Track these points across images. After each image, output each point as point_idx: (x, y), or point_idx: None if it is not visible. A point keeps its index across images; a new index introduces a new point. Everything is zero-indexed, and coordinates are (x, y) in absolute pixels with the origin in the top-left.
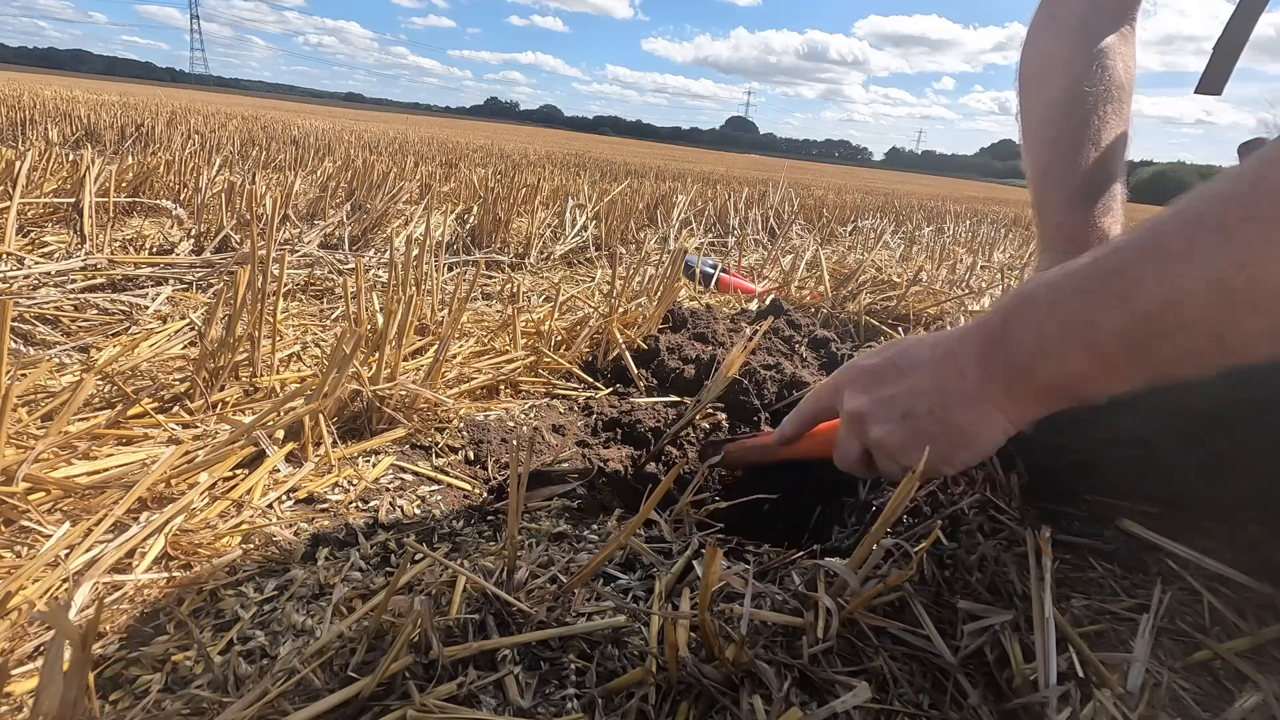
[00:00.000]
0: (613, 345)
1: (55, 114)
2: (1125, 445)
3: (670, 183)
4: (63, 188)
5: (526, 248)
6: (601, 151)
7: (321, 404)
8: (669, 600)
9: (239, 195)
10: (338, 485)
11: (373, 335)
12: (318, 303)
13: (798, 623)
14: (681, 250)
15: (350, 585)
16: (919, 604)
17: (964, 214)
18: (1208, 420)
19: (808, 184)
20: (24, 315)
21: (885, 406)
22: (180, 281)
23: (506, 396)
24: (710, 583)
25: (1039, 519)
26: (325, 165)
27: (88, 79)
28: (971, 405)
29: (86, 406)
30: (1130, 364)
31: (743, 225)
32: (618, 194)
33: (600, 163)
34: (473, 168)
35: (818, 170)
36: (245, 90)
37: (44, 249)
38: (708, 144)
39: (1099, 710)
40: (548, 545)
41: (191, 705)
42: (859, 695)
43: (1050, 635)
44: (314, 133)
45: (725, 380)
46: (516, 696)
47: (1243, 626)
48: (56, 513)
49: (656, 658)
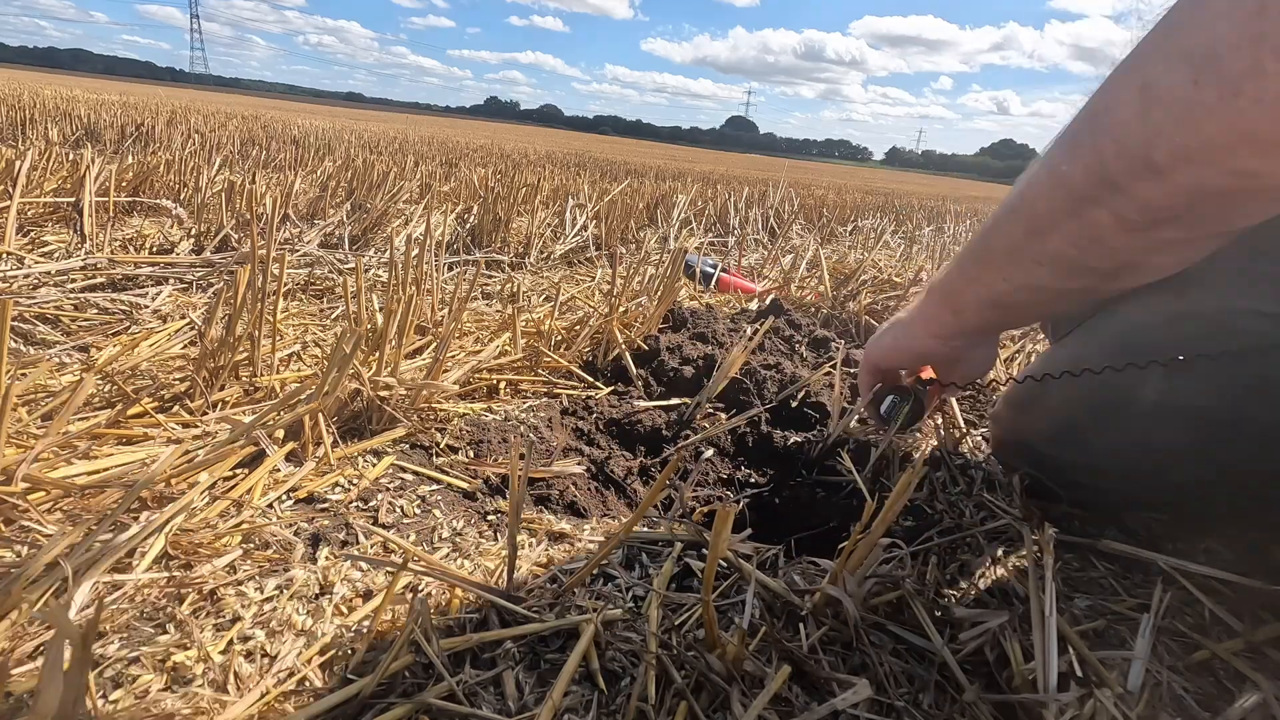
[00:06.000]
0: (613, 345)
1: (55, 113)
2: (1131, 453)
3: (670, 182)
4: (63, 187)
5: (526, 247)
6: (601, 151)
7: (321, 403)
8: (669, 590)
9: (239, 195)
10: (338, 485)
11: (373, 335)
12: (318, 302)
13: (798, 603)
14: (681, 250)
15: (350, 585)
16: (919, 604)
17: (964, 214)
18: (1217, 428)
19: (808, 184)
20: (24, 315)
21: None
22: (180, 281)
23: (506, 396)
24: (719, 549)
25: (1039, 519)
26: (325, 165)
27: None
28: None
29: (86, 406)
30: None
31: (743, 225)
32: (618, 194)
33: (600, 162)
34: (473, 167)
35: (818, 170)
36: (245, 90)
37: (44, 248)
38: (708, 144)
39: (1099, 710)
40: (548, 545)
41: (191, 705)
42: (859, 693)
43: (1051, 635)
44: (314, 132)
45: (725, 380)
46: (515, 695)
47: (1240, 627)
48: (56, 513)
49: (657, 647)
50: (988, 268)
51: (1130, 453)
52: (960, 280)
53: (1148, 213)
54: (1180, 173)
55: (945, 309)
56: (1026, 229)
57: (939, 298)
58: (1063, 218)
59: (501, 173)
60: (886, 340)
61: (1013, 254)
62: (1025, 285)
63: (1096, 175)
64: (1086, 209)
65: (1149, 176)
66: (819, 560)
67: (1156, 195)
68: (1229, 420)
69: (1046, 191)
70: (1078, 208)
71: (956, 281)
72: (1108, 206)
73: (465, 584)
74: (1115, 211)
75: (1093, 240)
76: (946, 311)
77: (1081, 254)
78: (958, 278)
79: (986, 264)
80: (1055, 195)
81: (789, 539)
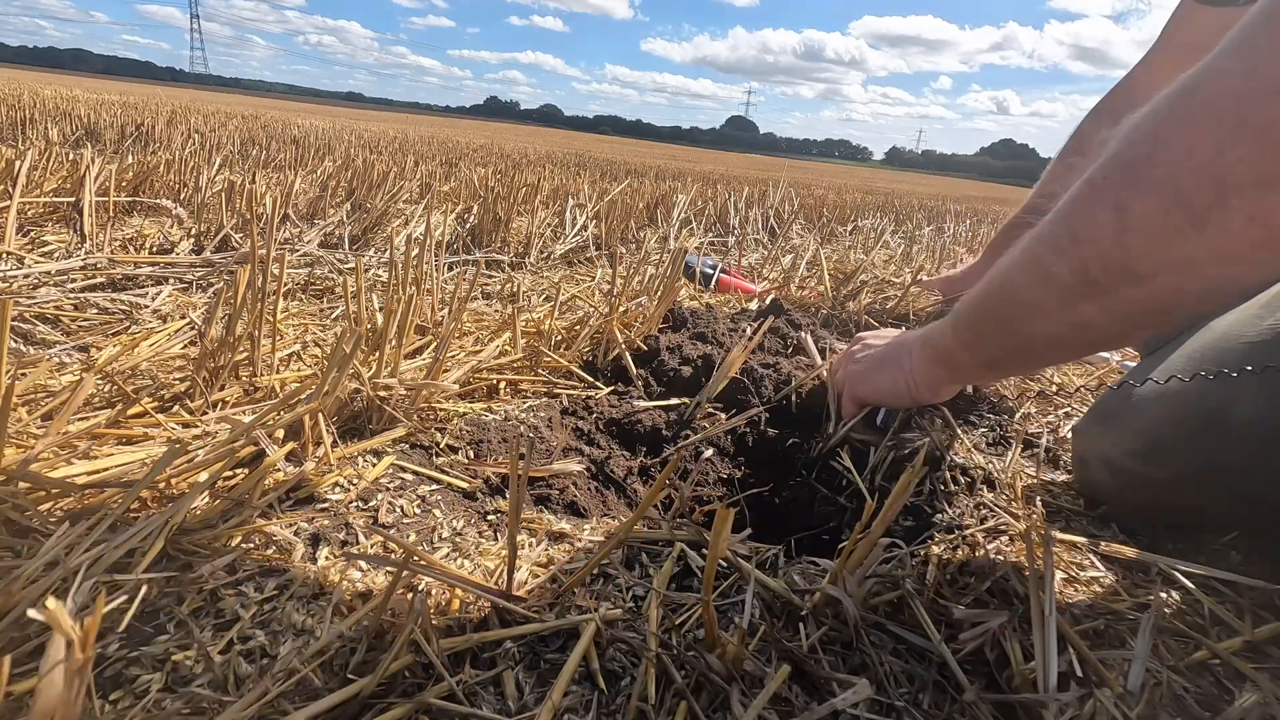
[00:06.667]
0: (613, 345)
1: (55, 113)
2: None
3: (670, 182)
4: (63, 187)
5: (526, 247)
6: (601, 151)
7: (321, 403)
8: (669, 590)
9: (239, 194)
10: (338, 485)
11: (373, 335)
12: (318, 302)
13: (798, 603)
14: (681, 250)
15: (350, 585)
16: (919, 604)
17: (964, 214)
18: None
19: (808, 183)
20: (24, 314)
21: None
22: (180, 281)
23: (506, 396)
24: (719, 549)
25: (1039, 519)
26: (325, 165)
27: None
28: (901, 363)
29: (86, 406)
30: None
31: (743, 225)
32: (618, 194)
33: (600, 162)
34: (473, 167)
35: (818, 170)
36: (245, 90)
37: (44, 248)
38: (708, 143)
39: (1099, 710)
40: (548, 545)
41: (191, 705)
42: (859, 693)
43: (1051, 635)
44: (314, 132)
45: (725, 380)
46: (515, 695)
47: (1241, 627)
48: (57, 513)
49: (657, 647)
50: (981, 338)
51: (1225, 472)
52: (955, 345)
53: (1133, 307)
54: (1160, 279)
55: (942, 368)
56: (1018, 313)
57: (933, 357)
58: (1054, 308)
59: (501, 173)
60: (883, 383)
61: (1005, 330)
62: (1017, 352)
63: (1081, 278)
64: (1076, 303)
65: (1133, 283)
66: (819, 560)
67: (1140, 296)
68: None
69: (1035, 283)
70: (1068, 300)
71: (952, 346)
72: (1097, 303)
73: (465, 584)
74: (1104, 307)
75: (1081, 327)
76: (943, 369)
77: (1071, 335)
78: (953, 343)
79: (980, 334)
80: (1045, 289)
81: (789, 539)
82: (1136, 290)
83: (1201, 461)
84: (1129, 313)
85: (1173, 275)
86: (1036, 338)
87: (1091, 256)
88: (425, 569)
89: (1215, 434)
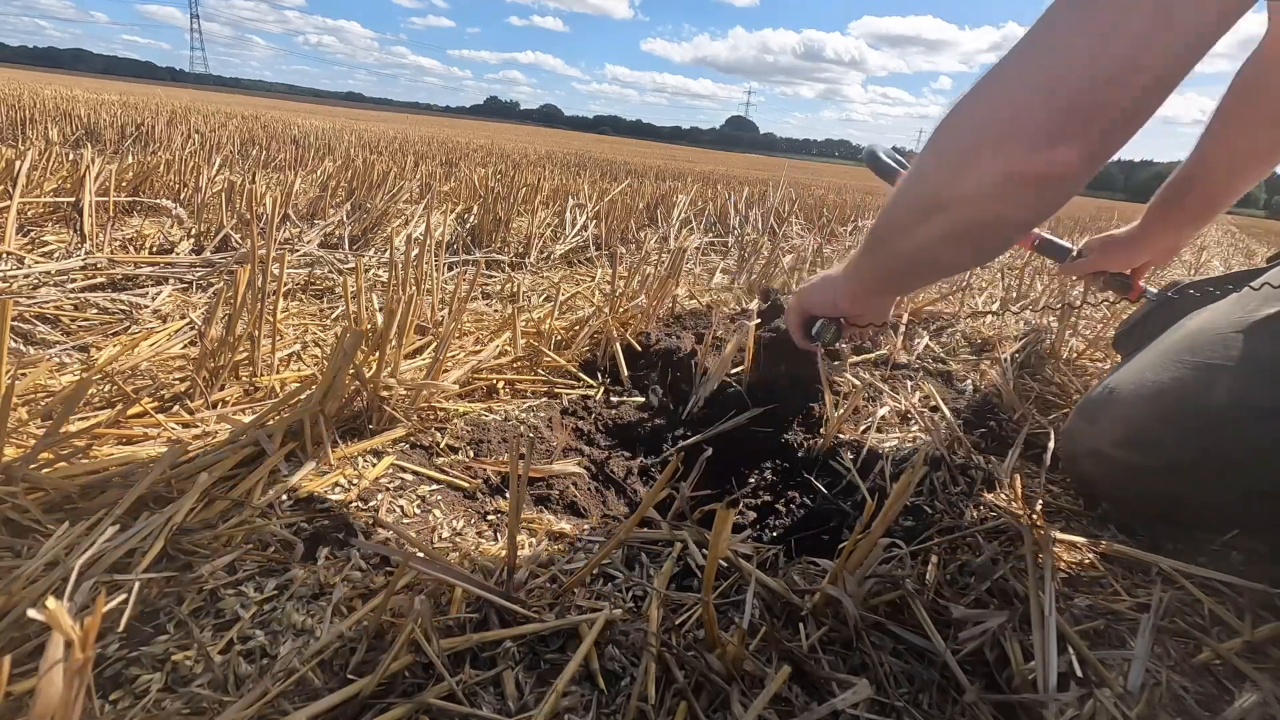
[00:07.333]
0: (612, 345)
1: (55, 113)
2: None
3: (670, 182)
4: (63, 187)
5: (526, 247)
6: (601, 151)
7: (321, 403)
8: (669, 590)
9: (239, 195)
10: (338, 485)
11: (373, 335)
12: (318, 302)
13: (798, 603)
14: (870, 150)
15: (350, 585)
16: (919, 604)
17: None
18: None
19: (808, 183)
20: (24, 314)
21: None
22: (180, 281)
23: (506, 396)
24: (719, 549)
25: (1039, 519)
26: (325, 165)
27: (88, 78)
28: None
29: (86, 406)
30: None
31: (743, 224)
32: (618, 194)
33: (600, 162)
34: (473, 167)
35: (818, 170)
36: (245, 90)
37: (44, 248)
38: (708, 143)
39: (1099, 710)
40: (548, 545)
41: (191, 705)
42: (859, 692)
43: (1050, 635)
44: (314, 132)
45: (724, 379)
46: (515, 695)
47: (1240, 627)
48: (56, 513)
49: (657, 647)
50: (874, 252)
51: (1205, 455)
52: (862, 258)
53: (948, 228)
54: (954, 210)
55: (854, 281)
56: (893, 232)
57: (849, 273)
58: (910, 226)
59: (501, 173)
60: (816, 295)
61: (885, 246)
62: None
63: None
64: (919, 224)
65: (941, 209)
66: (819, 560)
67: (949, 221)
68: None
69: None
70: (917, 220)
71: (861, 260)
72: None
73: (465, 584)
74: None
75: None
76: (855, 283)
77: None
78: (861, 256)
79: (873, 249)
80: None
81: (789, 539)
82: (944, 216)
83: (1183, 445)
84: (950, 233)
85: (961, 207)
86: (903, 254)
87: (921, 187)
88: (425, 569)
89: (1194, 419)
